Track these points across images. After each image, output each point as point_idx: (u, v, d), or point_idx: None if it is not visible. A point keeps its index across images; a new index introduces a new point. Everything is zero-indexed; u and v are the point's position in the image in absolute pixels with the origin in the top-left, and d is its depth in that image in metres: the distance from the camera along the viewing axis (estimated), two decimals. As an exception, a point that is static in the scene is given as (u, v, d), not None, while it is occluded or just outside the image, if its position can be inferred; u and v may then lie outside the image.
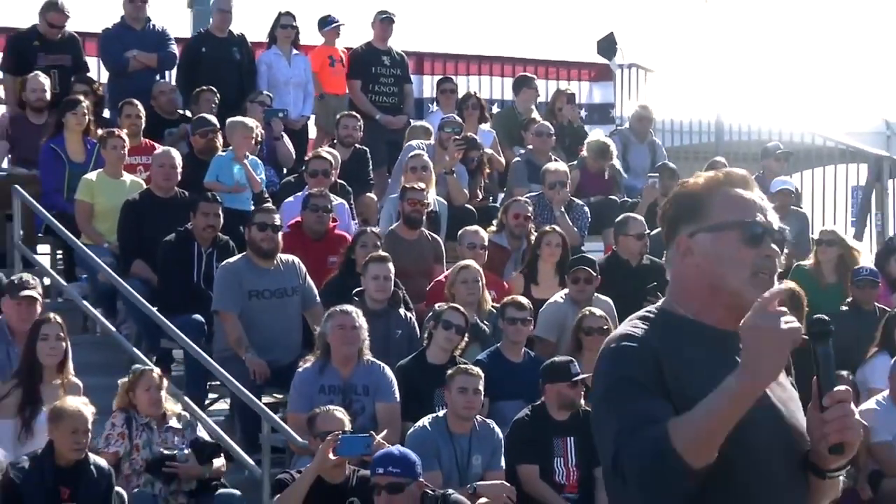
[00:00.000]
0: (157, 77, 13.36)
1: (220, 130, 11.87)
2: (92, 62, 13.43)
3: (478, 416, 8.45)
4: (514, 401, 9.14)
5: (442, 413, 8.41)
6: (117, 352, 10.14)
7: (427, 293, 10.48)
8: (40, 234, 11.80)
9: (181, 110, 13.22)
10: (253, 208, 10.75)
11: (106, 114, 12.96)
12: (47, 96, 12.12)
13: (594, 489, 8.41)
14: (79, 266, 11.31)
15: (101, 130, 11.56)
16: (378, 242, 10.34)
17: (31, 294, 9.00)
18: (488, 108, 14.85)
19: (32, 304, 8.99)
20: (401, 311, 9.80)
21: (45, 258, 12.02)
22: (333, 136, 13.20)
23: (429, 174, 11.71)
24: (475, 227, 11.10)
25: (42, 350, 8.36)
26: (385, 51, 14.44)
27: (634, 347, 3.17)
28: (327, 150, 12.10)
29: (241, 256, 9.95)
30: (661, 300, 3.36)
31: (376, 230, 10.85)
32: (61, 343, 8.43)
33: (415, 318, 9.90)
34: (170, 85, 13.33)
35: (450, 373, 8.40)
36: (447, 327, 9.04)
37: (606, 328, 9.17)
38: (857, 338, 10.40)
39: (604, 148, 13.32)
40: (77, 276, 11.42)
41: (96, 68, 13.55)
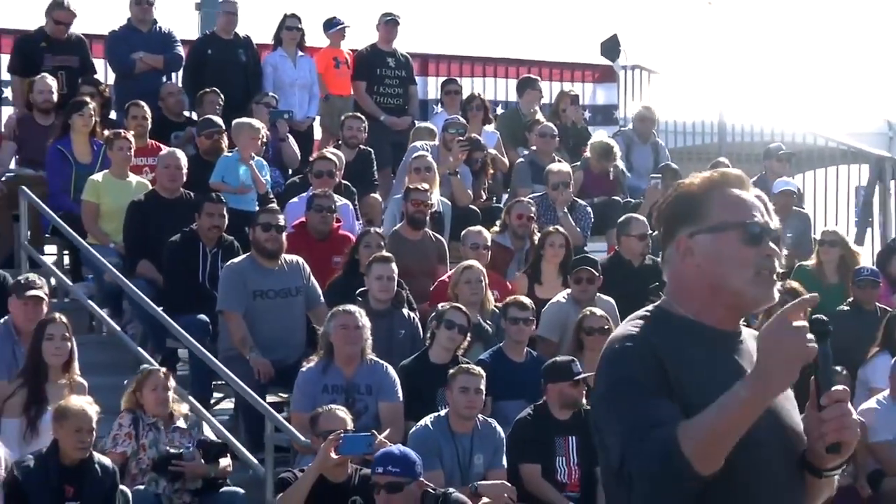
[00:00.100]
0: (163, 79, 13.40)
1: (226, 132, 11.93)
2: (99, 64, 13.46)
3: (479, 416, 8.48)
4: (516, 400, 9.19)
5: (444, 412, 8.44)
6: (123, 352, 10.17)
7: (430, 293, 10.52)
8: (47, 235, 11.85)
9: (187, 112, 13.28)
10: (258, 209, 10.81)
11: (112, 115, 12.99)
12: (54, 98, 12.16)
13: (596, 488, 8.43)
14: (85, 266, 11.36)
15: (108, 132, 11.60)
16: (382, 243, 10.38)
17: (38, 294, 9.05)
18: (492, 109, 14.90)
19: (39, 303, 9.03)
20: (404, 311, 9.85)
21: (51, 258, 12.08)
22: (338, 137, 13.25)
23: (432, 175, 11.74)
24: (478, 227, 11.13)
25: (47, 350, 8.42)
26: (390, 52, 14.48)
27: (636, 347, 3.17)
28: (332, 151, 12.14)
29: (245, 257, 10.01)
30: (660, 300, 3.36)
31: (380, 230, 10.90)
32: (66, 343, 8.48)
33: (418, 318, 9.94)
34: (177, 86, 13.39)
35: (451, 372, 8.44)
36: (450, 327, 9.08)
37: (607, 328, 9.21)
38: (858, 338, 10.46)
39: (607, 149, 13.35)
40: (83, 277, 11.48)
41: (103, 70, 13.59)
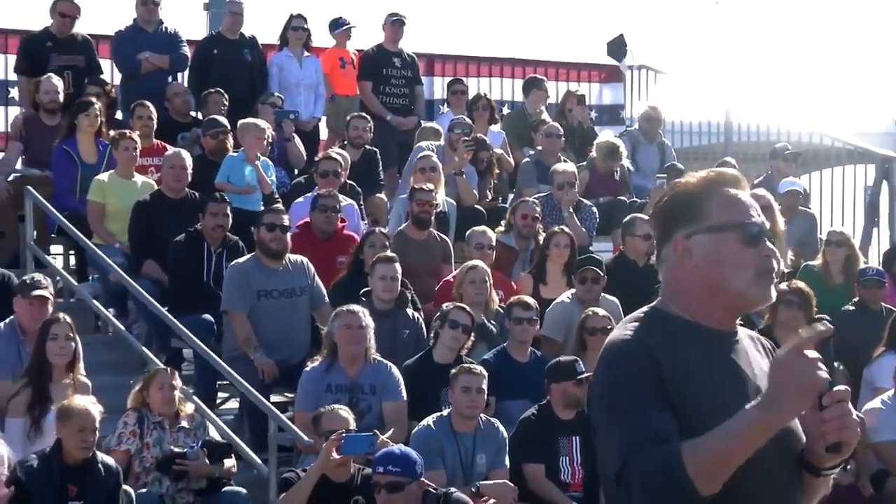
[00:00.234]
0: (168, 79, 13.42)
1: (231, 132, 11.95)
2: (105, 64, 13.48)
3: (482, 416, 8.50)
4: (520, 400, 9.20)
5: (446, 412, 8.45)
6: (128, 351, 10.19)
7: (435, 293, 10.52)
8: (53, 235, 11.88)
9: (193, 112, 13.30)
10: (263, 209, 10.82)
11: (119, 115, 13.03)
12: (60, 98, 12.17)
13: (599, 488, 8.44)
14: (90, 266, 11.37)
15: (113, 132, 11.63)
16: (386, 243, 10.39)
17: (43, 294, 9.05)
18: (498, 109, 14.90)
19: (44, 303, 9.04)
20: (408, 311, 9.85)
21: (57, 258, 12.11)
22: (344, 137, 13.27)
23: (437, 175, 11.75)
24: (483, 227, 11.14)
25: (51, 349, 8.43)
26: (396, 52, 14.48)
27: (632, 349, 3.18)
28: (337, 151, 12.16)
29: (250, 257, 10.02)
30: (656, 300, 3.36)
31: (385, 230, 10.90)
32: (70, 343, 8.50)
33: (423, 318, 9.95)
34: (183, 87, 13.40)
35: (453, 372, 8.44)
36: (454, 327, 9.09)
37: (610, 328, 9.18)
38: (864, 337, 10.45)
39: (613, 149, 13.35)
40: (89, 277, 11.50)
41: (109, 70, 13.62)
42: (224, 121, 12.10)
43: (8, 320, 9.17)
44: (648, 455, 3.00)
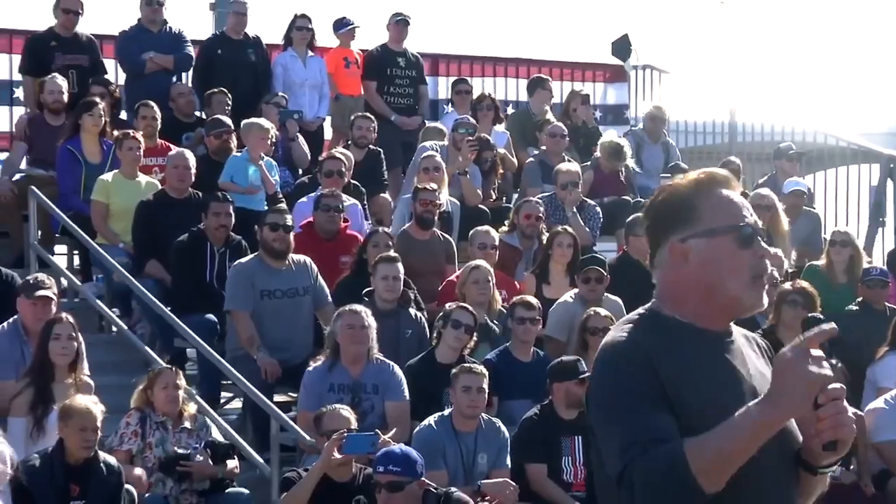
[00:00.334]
0: (173, 79, 13.43)
1: (235, 131, 11.95)
2: (109, 65, 13.49)
3: (483, 415, 8.50)
4: (522, 400, 9.20)
5: (447, 412, 8.46)
6: (132, 351, 10.20)
7: (438, 293, 10.53)
8: (57, 235, 11.89)
9: (198, 112, 13.31)
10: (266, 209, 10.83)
11: (123, 115, 13.04)
12: (64, 98, 12.18)
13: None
14: (94, 266, 11.39)
15: (117, 132, 11.64)
16: (390, 242, 10.39)
17: (47, 294, 9.05)
18: (503, 109, 14.90)
19: (47, 303, 9.04)
20: (411, 310, 9.85)
21: (62, 258, 12.12)
22: (348, 137, 13.27)
23: (441, 175, 11.76)
24: (486, 227, 11.15)
25: (54, 349, 8.44)
26: (400, 52, 14.49)
27: (629, 352, 3.18)
28: (340, 151, 12.16)
29: (253, 256, 10.02)
30: (650, 302, 3.36)
31: (388, 230, 10.90)
32: (73, 343, 8.51)
33: (426, 318, 9.94)
34: (188, 87, 13.42)
35: (454, 372, 8.44)
36: (456, 327, 9.09)
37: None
38: (868, 337, 10.44)
39: (617, 148, 13.34)
40: (93, 276, 11.51)
41: (114, 70, 13.63)
42: (228, 120, 12.11)
43: (11, 320, 9.17)
44: (651, 454, 3.00)
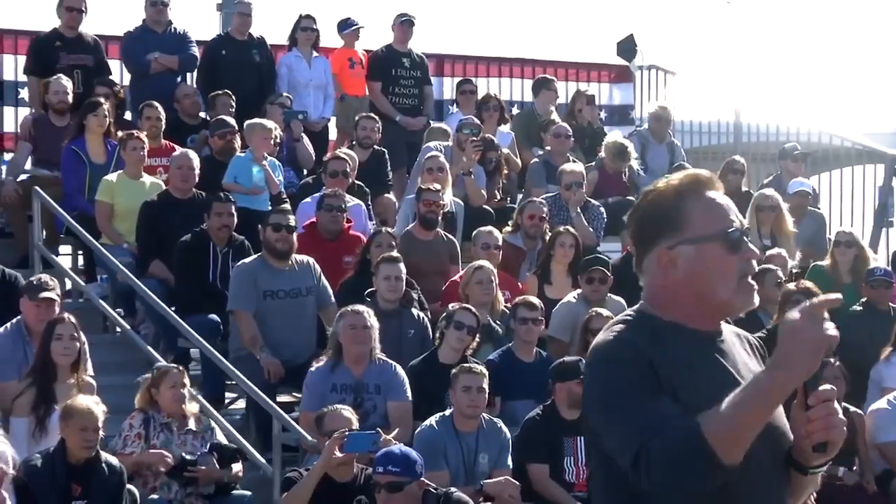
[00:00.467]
0: (177, 79, 13.45)
1: (239, 132, 11.96)
2: (114, 65, 13.51)
3: (484, 415, 8.50)
4: (525, 400, 9.21)
5: (448, 412, 8.45)
6: (136, 351, 10.19)
7: (442, 293, 10.53)
8: (62, 235, 11.91)
9: (202, 114, 13.32)
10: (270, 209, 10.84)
11: (128, 116, 13.06)
12: (69, 99, 12.19)
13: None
14: (99, 266, 11.41)
15: (121, 132, 11.66)
16: (393, 243, 10.39)
17: (50, 296, 9.04)
18: (508, 109, 14.90)
19: (50, 305, 9.01)
20: (413, 311, 9.85)
21: (66, 258, 12.13)
22: (353, 137, 13.27)
23: (445, 175, 11.75)
24: (489, 227, 11.15)
25: (56, 349, 8.44)
26: (405, 53, 14.49)
27: (624, 349, 3.19)
28: (345, 152, 12.17)
29: (256, 257, 10.03)
30: (638, 304, 3.36)
31: (391, 231, 10.91)
32: (75, 343, 8.51)
33: (429, 318, 9.94)
34: (193, 88, 13.42)
35: (454, 372, 8.44)
36: (459, 328, 9.09)
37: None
38: (872, 338, 10.45)
39: (621, 149, 13.34)
40: (97, 277, 11.52)
41: (118, 71, 13.65)
42: (231, 121, 12.12)
43: (14, 321, 9.17)
44: (666, 432, 3.00)
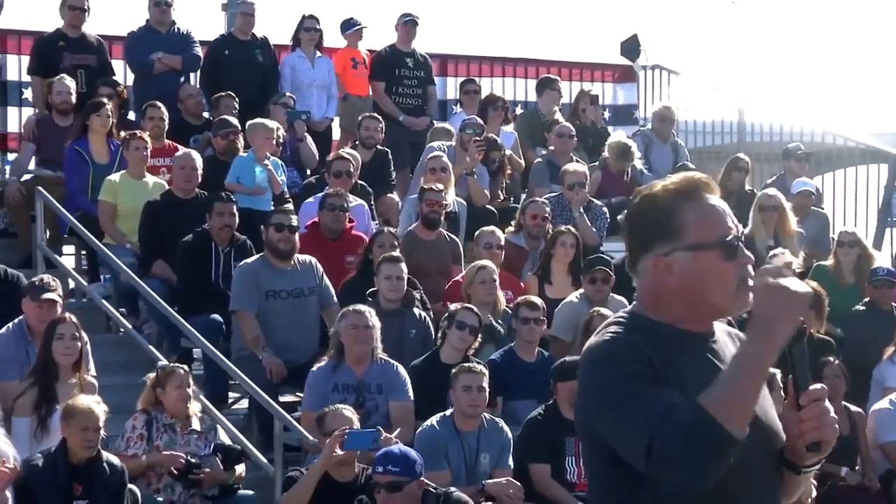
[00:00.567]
0: (180, 80, 13.46)
1: (242, 132, 11.97)
2: (117, 66, 13.52)
3: (486, 415, 8.49)
4: (527, 400, 9.20)
5: (449, 412, 8.45)
6: (139, 351, 10.20)
7: (444, 293, 10.52)
8: (65, 235, 11.92)
9: (206, 113, 13.33)
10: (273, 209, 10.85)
11: (131, 116, 13.07)
12: (72, 99, 12.20)
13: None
14: (102, 266, 11.42)
15: (124, 132, 11.67)
16: (395, 242, 10.39)
17: (52, 297, 9.03)
18: (511, 109, 14.89)
19: (53, 306, 9.00)
20: (415, 310, 9.85)
21: (69, 259, 12.15)
22: (356, 137, 13.28)
23: (447, 175, 11.75)
24: (491, 227, 11.13)
25: (57, 349, 8.44)
26: (409, 53, 14.49)
27: (621, 347, 3.19)
28: (348, 152, 12.17)
29: (258, 257, 10.04)
30: (630, 306, 3.37)
31: (394, 230, 10.91)
32: (76, 343, 8.50)
33: (431, 318, 9.94)
34: (196, 88, 13.43)
35: (454, 372, 8.43)
36: (461, 328, 9.09)
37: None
38: (874, 337, 10.48)
39: (624, 149, 13.34)
40: (101, 277, 11.53)
41: (122, 71, 13.66)
42: (234, 121, 12.13)
43: (16, 321, 9.18)
44: (673, 417, 3.00)
